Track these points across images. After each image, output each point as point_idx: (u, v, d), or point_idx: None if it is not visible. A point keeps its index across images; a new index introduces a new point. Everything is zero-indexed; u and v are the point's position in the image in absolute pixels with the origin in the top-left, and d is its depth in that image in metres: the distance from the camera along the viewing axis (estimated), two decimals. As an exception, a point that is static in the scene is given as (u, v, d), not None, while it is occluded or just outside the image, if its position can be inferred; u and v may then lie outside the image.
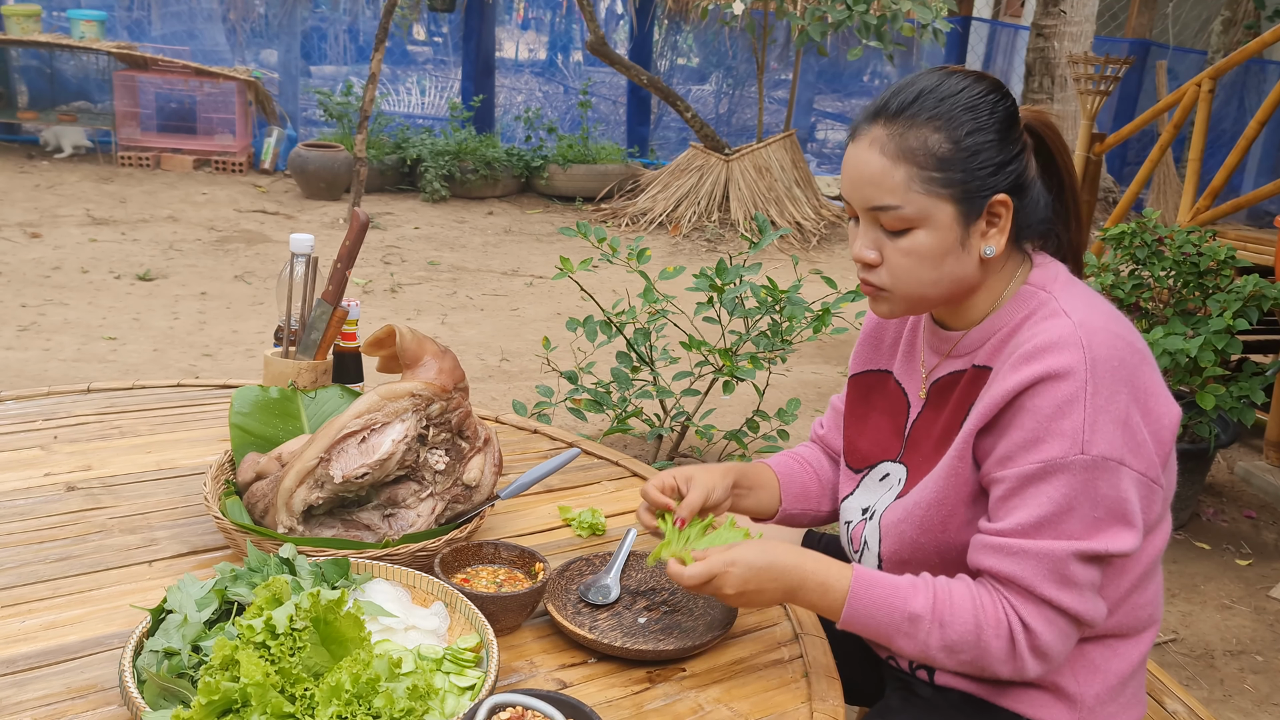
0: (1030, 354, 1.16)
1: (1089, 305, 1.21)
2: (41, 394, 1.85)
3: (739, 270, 3.04)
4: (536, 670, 1.21)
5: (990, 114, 1.20)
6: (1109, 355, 1.15)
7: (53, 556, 1.35)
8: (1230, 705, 2.71)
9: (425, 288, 5.78)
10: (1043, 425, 1.14)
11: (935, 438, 1.29)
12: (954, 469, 1.22)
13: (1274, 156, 9.40)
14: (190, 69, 8.10)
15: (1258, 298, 3.31)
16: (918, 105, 1.19)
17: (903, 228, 1.21)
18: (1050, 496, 1.14)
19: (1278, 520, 3.81)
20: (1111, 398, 1.13)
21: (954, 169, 1.18)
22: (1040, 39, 7.17)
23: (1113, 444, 1.13)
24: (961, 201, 1.19)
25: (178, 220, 6.69)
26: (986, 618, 1.17)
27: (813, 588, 1.21)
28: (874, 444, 1.40)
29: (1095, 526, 1.14)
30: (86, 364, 4.22)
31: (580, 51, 10.15)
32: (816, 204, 8.01)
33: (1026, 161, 1.24)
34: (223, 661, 0.98)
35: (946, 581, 1.21)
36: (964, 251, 1.21)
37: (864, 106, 1.25)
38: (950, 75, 1.22)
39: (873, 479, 1.38)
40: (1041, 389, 1.14)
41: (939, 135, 1.18)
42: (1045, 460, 1.13)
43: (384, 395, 1.38)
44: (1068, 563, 1.14)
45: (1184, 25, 11.31)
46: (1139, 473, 1.15)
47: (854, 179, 1.23)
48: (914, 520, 1.26)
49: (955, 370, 1.29)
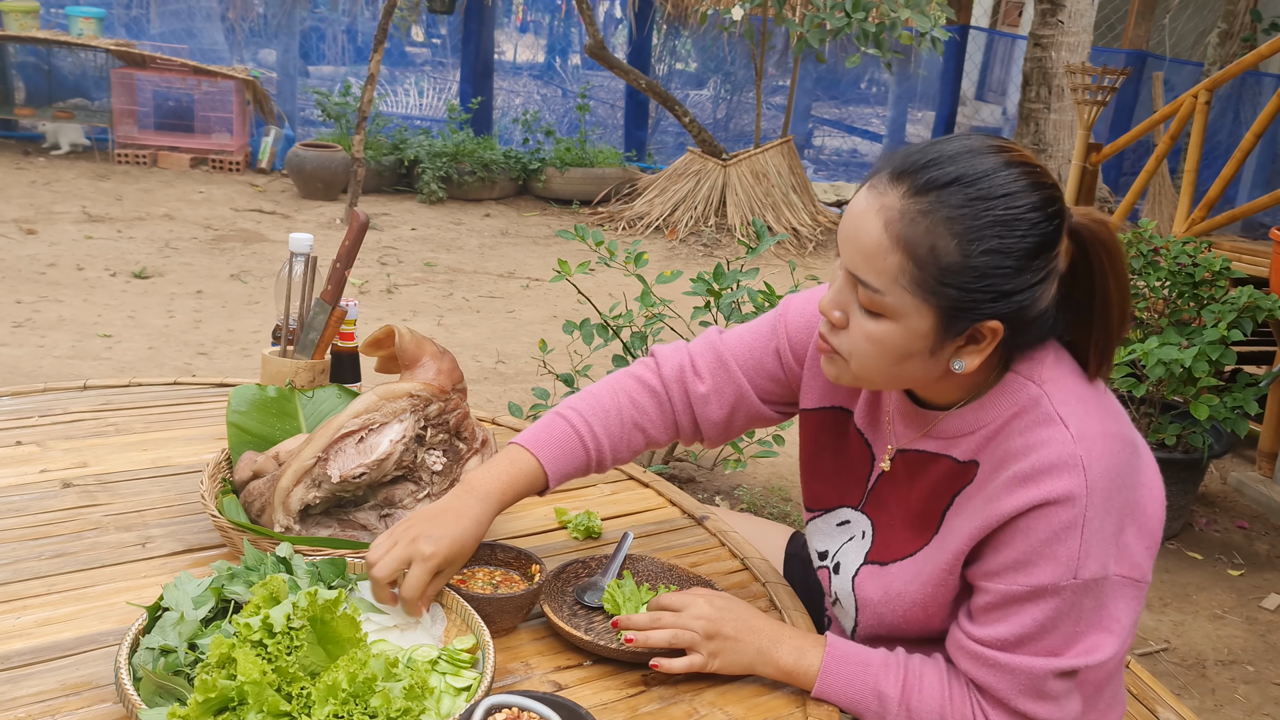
0: (1028, 475, 1.09)
1: (1082, 404, 1.12)
2: (37, 390, 1.85)
3: (736, 275, 3.04)
4: (532, 672, 1.21)
5: (1021, 237, 1.05)
6: (1107, 470, 1.09)
7: (48, 553, 1.35)
8: (1221, 715, 2.71)
9: (421, 289, 5.78)
10: (1036, 550, 1.09)
11: (911, 511, 1.24)
12: (942, 580, 1.18)
13: (1269, 168, 9.43)
14: (188, 67, 8.09)
15: (1252, 309, 3.32)
16: (946, 194, 1.04)
17: (875, 311, 1.10)
18: (1034, 617, 1.11)
19: (1270, 531, 3.82)
20: (1106, 516, 1.09)
21: (951, 283, 1.05)
22: (1038, 49, 7.18)
23: (1102, 562, 1.09)
24: (945, 315, 1.07)
25: (174, 218, 6.68)
26: (952, 712, 1.16)
27: (788, 651, 1.21)
28: (832, 488, 1.35)
29: (1075, 639, 1.12)
30: (81, 361, 4.21)
31: (579, 55, 10.16)
32: (813, 210, 8.02)
33: (1043, 291, 1.08)
34: (219, 659, 0.98)
35: (920, 664, 1.20)
36: (931, 359, 1.11)
37: (893, 152, 1.10)
38: (1004, 169, 1.05)
39: (828, 523, 1.35)
40: (1039, 514, 1.08)
41: (953, 242, 1.04)
42: (1035, 585, 1.09)
43: (382, 395, 1.38)
44: (1046, 679, 1.12)
45: (1180, 37, 11.35)
46: (1123, 576, 1.12)
47: (850, 235, 1.10)
48: (897, 610, 1.23)
49: (930, 451, 1.21)
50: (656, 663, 1.20)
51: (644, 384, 1.40)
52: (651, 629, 1.22)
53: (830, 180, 9.86)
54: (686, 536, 1.58)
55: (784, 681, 1.23)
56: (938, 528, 1.20)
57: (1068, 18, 7.05)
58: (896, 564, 1.24)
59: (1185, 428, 3.50)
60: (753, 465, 3.77)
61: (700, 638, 1.20)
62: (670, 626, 1.21)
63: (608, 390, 1.39)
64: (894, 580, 1.23)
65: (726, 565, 1.51)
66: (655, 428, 1.39)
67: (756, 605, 1.38)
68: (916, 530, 1.23)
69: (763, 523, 1.80)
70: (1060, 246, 1.09)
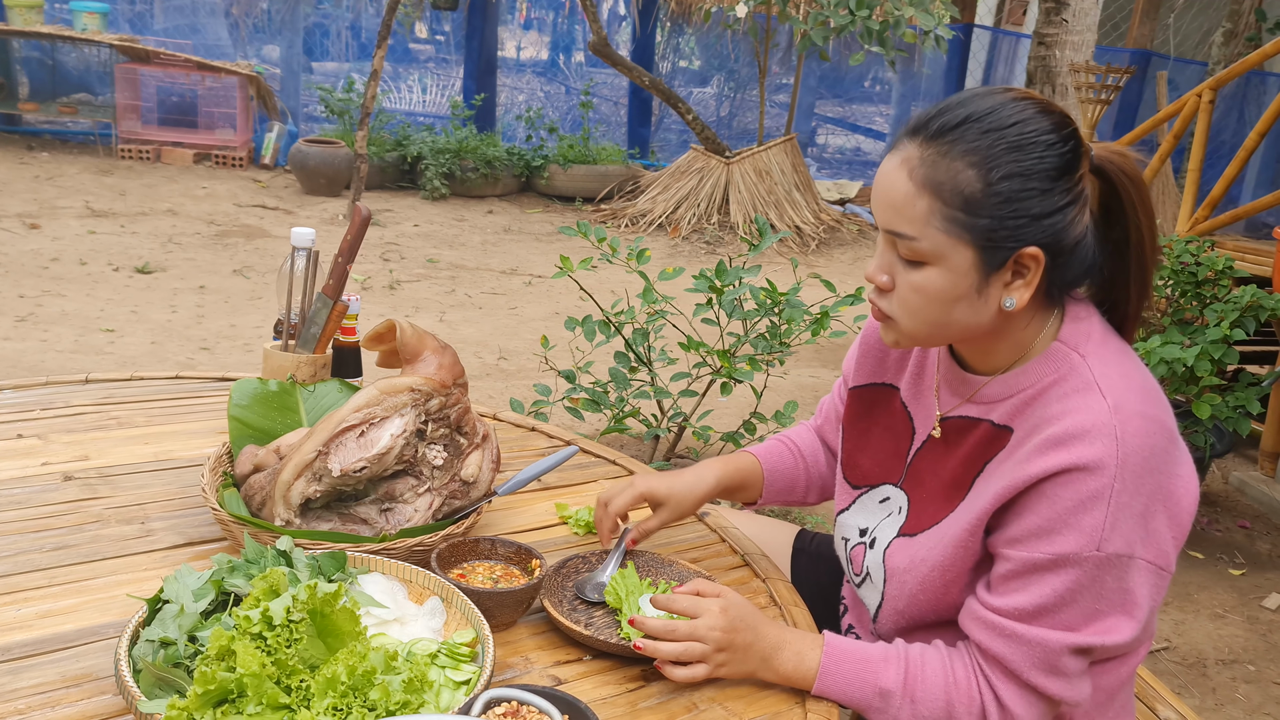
0: (1059, 439, 1.08)
1: (1124, 378, 1.12)
2: (39, 384, 1.85)
3: (739, 272, 3.04)
4: (532, 666, 1.21)
5: (1040, 158, 1.08)
6: (1141, 446, 1.08)
7: (49, 545, 1.35)
8: (1222, 714, 2.71)
9: (424, 285, 5.78)
10: (1061, 517, 1.08)
11: (943, 481, 1.25)
12: (964, 542, 1.18)
13: (1273, 168, 9.42)
14: (192, 63, 8.09)
15: (1255, 308, 3.32)
16: (959, 132, 1.08)
17: (916, 260, 1.12)
18: (1054, 587, 1.10)
19: (1271, 530, 3.82)
20: (1136, 494, 1.08)
21: (980, 213, 1.08)
22: (1042, 47, 7.17)
23: (1129, 540, 1.08)
24: (983, 248, 1.09)
25: (177, 214, 6.68)
26: (958, 694, 1.16)
27: (788, 656, 1.21)
28: (876, 464, 1.36)
29: (1094, 617, 1.11)
30: (84, 355, 4.22)
31: (582, 52, 10.16)
32: (816, 208, 8.01)
33: (1075, 216, 1.11)
34: (219, 652, 0.98)
35: (920, 652, 1.20)
36: (980, 299, 1.12)
37: (913, 115, 1.15)
38: (1011, 103, 1.10)
39: (871, 500, 1.35)
40: (1067, 479, 1.07)
41: (972, 173, 1.08)
42: (1057, 553, 1.09)
43: (383, 390, 1.38)
44: (1061, 654, 1.11)
45: (1185, 36, 11.33)
46: (1149, 562, 1.11)
47: (879, 196, 1.14)
48: (917, 575, 1.23)
49: (971, 416, 1.22)
50: (660, 665, 1.20)
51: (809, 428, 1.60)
52: (665, 637, 1.20)
53: (833, 178, 9.85)
54: (687, 532, 1.58)
55: (785, 685, 1.23)
56: (965, 494, 1.21)
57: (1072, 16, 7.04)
58: (924, 533, 1.25)
59: (1187, 427, 3.50)
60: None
61: (712, 650, 1.19)
62: (685, 638, 1.19)
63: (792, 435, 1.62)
64: (920, 547, 1.24)
65: (727, 561, 1.51)
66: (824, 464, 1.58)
67: (756, 602, 1.38)
68: (946, 499, 1.24)
69: (765, 520, 1.80)
70: (1082, 169, 1.12)
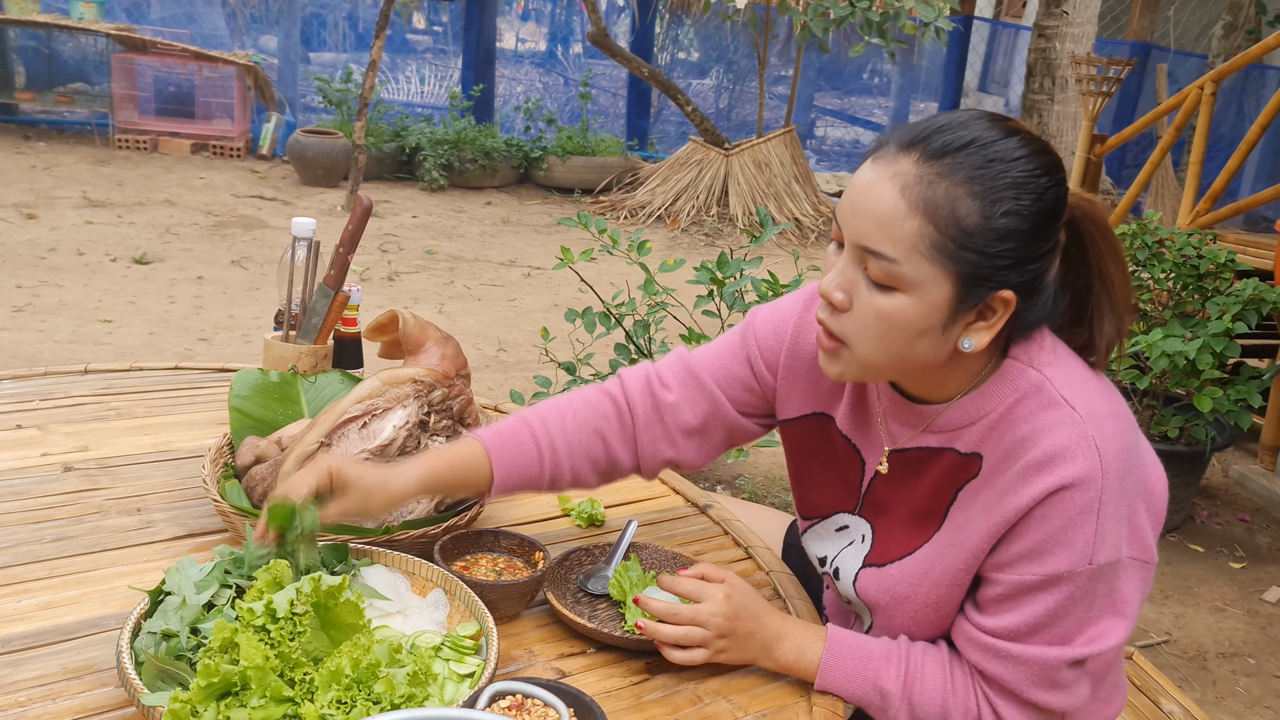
0: (1041, 463, 1.06)
1: (1083, 382, 1.10)
2: (38, 374, 1.84)
3: (740, 264, 3.03)
4: (535, 659, 1.21)
5: (1035, 200, 1.03)
6: (1120, 449, 1.06)
7: (49, 537, 1.34)
8: (1222, 707, 2.71)
9: (422, 276, 5.76)
10: (1051, 537, 1.06)
11: (912, 510, 1.21)
12: (960, 580, 1.15)
13: (1273, 162, 9.41)
14: (189, 53, 8.06)
15: (1257, 301, 3.31)
16: (963, 156, 1.02)
17: (887, 284, 1.04)
18: (1046, 605, 1.09)
19: (1271, 524, 3.82)
20: (1121, 497, 1.06)
21: (972, 248, 1.02)
22: (1042, 39, 7.16)
23: (1116, 545, 1.07)
24: (963, 284, 1.03)
25: (174, 204, 6.66)
26: (955, 703, 1.15)
27: (790, 648, 1.21)
28: (824, 496, 1.32)
29: (1087, 624, 1.10)
30: (81, 346, 4.20)
31: (581, 43, 10.13)
32: (815, 200, 8.00)
33: (1051, 262, 1.08)
34: (222, 644, 0.97)
35: (922, 654, 1.19)
36: (942, 336, 1.07)
37: (892, 130, 1.08)
38: (1010, 135, 1.04)
39: (826, 529, 1.33)
40: (1055, 499, 1.05)
41: (973, 203, 1.01)
42: (1048, 574, 1.07)
43: (386, 381, 1.37)
44: (1058, 669, 1.11)
45: (1185, 29, 11.32)
46: (1135, 559, 1.10)
47: (857, 207, 1.05)
48: (906, 612, 1.21)
49: (930, 447, 1.17)
50: (659, 645, 1.20)
51: (603, 391, 1.34)
52: (668, 621, 1.20)
53: (833, 171, 9.84)
54: (690, 525, 1.58)
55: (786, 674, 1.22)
56: (940, 523, 1.18)
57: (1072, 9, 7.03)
58: (895, 564, 1.21)
59: (1188, 420, 3.50)
60: (754, 454, 3.76)
61: (713, 636, 1.19)
62: (687, 622, 1.19)
63: (564, 398, 1.35)
64: (895, 582, 1.21)
65: (730, 554, 1.50)
66: (615, 437, 1.32)
67: (761, 594, 1.38)
68: (917, 528, 1.20)
69: (764, 510, 1.79)
70: (1065, 216, 1.08)
